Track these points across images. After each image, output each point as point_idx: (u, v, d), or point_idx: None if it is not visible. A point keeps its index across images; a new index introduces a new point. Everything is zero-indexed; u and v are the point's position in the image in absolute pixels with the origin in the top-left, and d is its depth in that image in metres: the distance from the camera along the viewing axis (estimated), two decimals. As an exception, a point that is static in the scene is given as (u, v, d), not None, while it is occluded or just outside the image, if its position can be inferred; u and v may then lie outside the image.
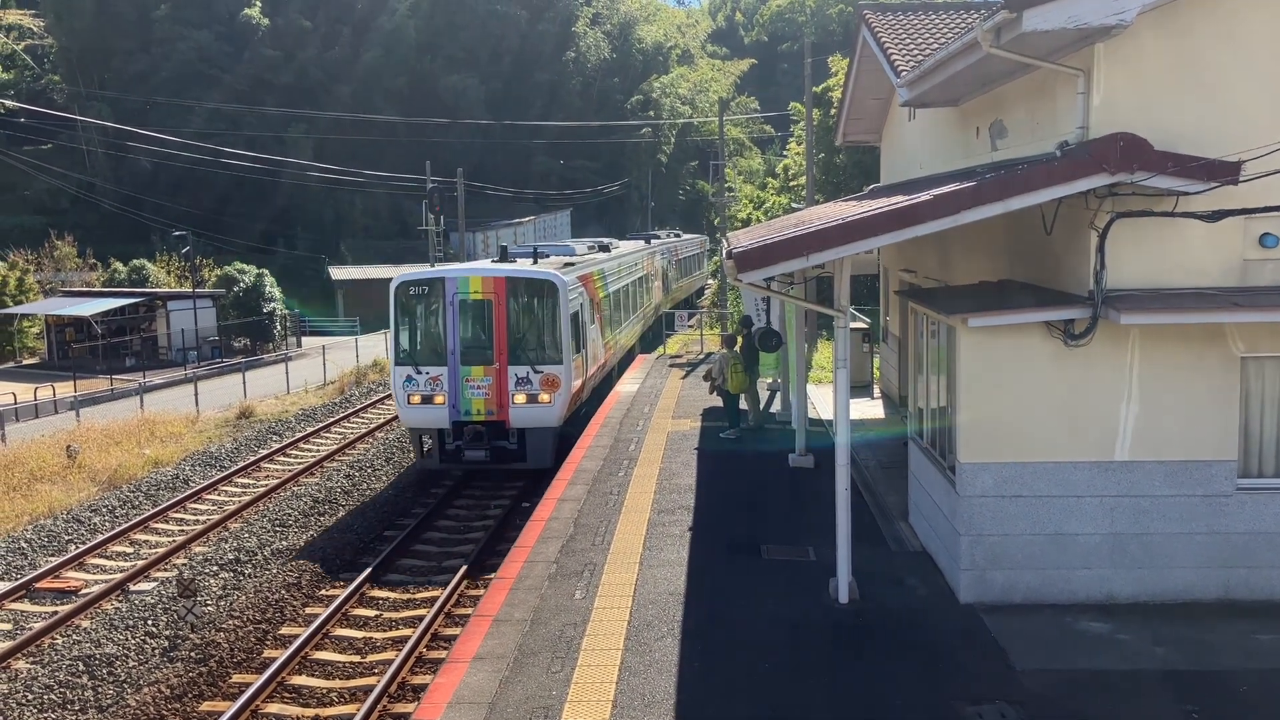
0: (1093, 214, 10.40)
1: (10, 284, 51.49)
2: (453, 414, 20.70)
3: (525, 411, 20.64)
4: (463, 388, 20.57)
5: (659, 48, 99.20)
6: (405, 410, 21.00)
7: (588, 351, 23.18)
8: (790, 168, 49.62)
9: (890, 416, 21.01)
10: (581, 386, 22.21)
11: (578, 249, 32.14)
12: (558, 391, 20.59)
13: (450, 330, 20.68)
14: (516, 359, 20.61)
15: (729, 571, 12.33)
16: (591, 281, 25.12)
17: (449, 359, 20.63)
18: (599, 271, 26.87)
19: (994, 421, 10.88)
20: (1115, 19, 9.66)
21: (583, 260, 27.16)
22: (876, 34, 17.90)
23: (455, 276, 20.90)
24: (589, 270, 25.48)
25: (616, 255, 32.33)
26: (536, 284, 21.03)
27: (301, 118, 76.32)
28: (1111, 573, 10.97)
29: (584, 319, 22.70)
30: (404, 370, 20.78)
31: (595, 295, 25.23)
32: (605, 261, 29.04)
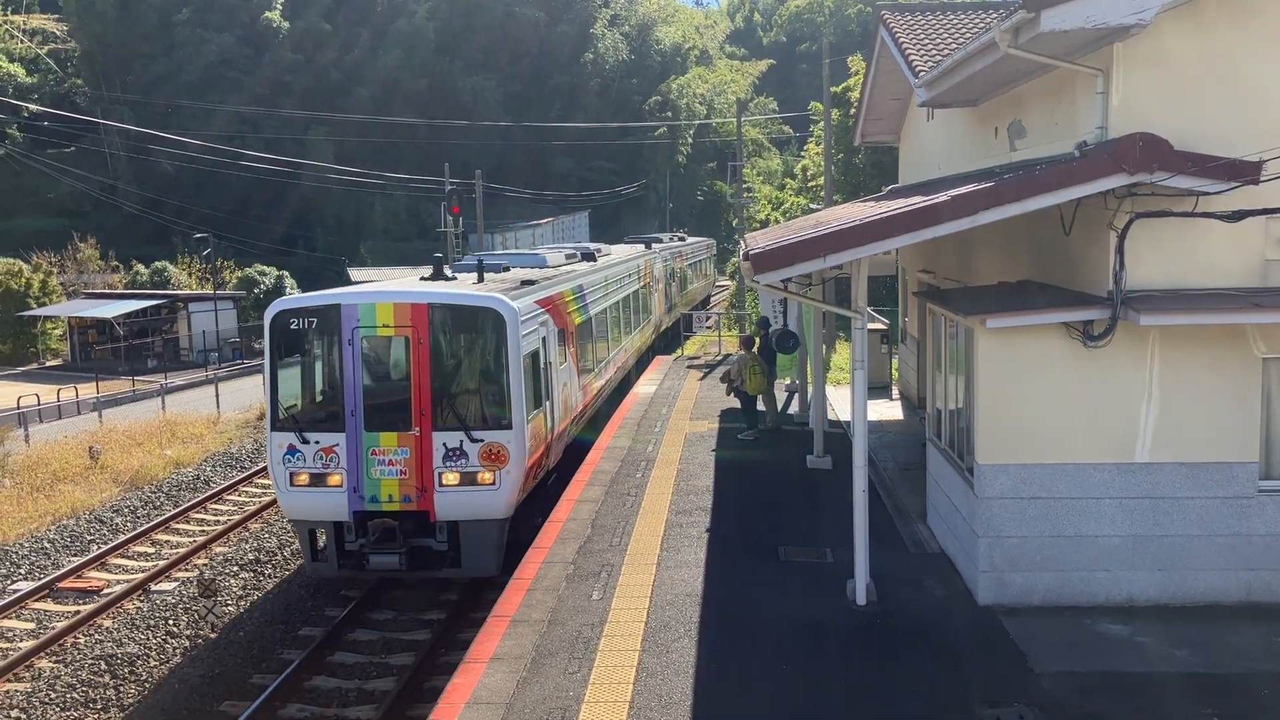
0: (1112, 214, 10.34)
1: (34, 286, 51.94)
2: (354, 501, 14.78)
3: (458, 498, 14.76)
4: (368, 463, 14.72)
5: (677, 49, 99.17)
6: (287, 495, 14.99)
7: (556, 402, 17.57)
8: (809, 168, 49.60)
9: (909, 418, 20.94)
10: (544, 452, 16.62)
11: (551, 258, 24.55)
12: (505, 468, 14.74)
13: (350, 381, 14.75)
14: (445, 422, 14.79)
15: (746, 573, 12.32)
16: (562, 305, 19.11)
17: (348, 422, 14.73)
18: (573, 291, 20.68)
19: (1012, 423, 10.84)
20: (1134, 18, 9.61)
21: (550, 277, 20.45)
22: (895, 34, 17.86)
23: (356, 303, 14.90)
24: (558, 290, 19.39)
25: (603, 266, 26.37)
26: (473, 314, 15.11)
27: (321, 120, 76.71)
28: (1131, 575, 10.91)
29: (548, 358, 17.01)
30: (284, 438, 14.91)
31: (569, 322, 19.39)
32: (586, 275, 23.07)
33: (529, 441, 15.26)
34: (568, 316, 19.29)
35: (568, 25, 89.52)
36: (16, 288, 50.95)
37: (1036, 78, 12.37)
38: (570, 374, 19.14)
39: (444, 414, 14.80)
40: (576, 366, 19.90)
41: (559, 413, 17.77)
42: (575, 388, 19.66)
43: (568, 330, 19.06)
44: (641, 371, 29.01)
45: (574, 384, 19.59)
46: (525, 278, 19.20)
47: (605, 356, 24.26)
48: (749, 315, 36.74)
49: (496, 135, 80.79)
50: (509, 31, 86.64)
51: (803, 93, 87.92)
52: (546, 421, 16.73)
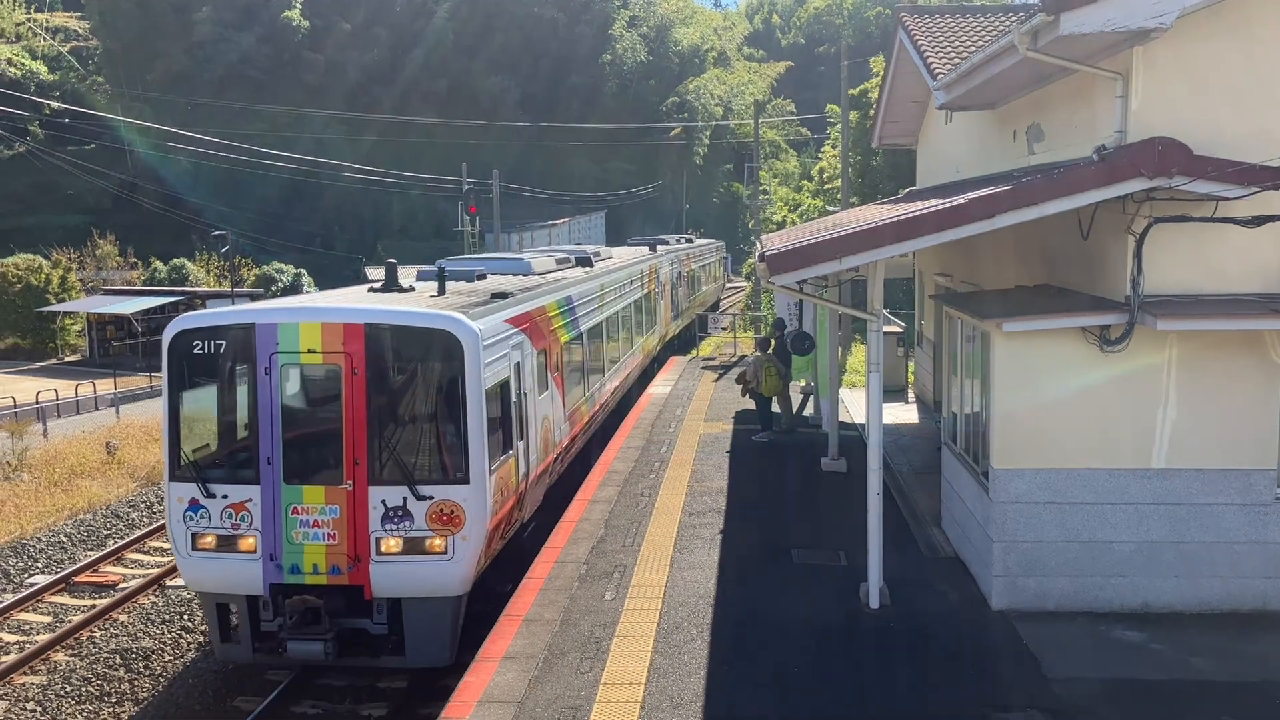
0: (1130, 219, 10.29)
1: (54, 282, 52.29)
2: (270, 571, 11.84)
3: (400, 570, 11.76)
4: (288, 524, 11.78)
5: (695, 50, 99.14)
6: (188, 562, 12.12)
7: (533, 441, 14.59)
8: (826, 170, 49.53)
9: (924, 421, 20.87)
10: (515, 505, 13.57)
11: (538, 264, 20.82)
12: (461, 532, 11.73)
13: (266, 420, 11.80)
14: (385, 473, 11.79)
15: (760, 575, 12.31)
16: (545, 322, 16.14)
17: (263, 471, 11.80)
18: (560, 303, 17.62)
19: (1028, 427, 10.80)
20: (1154, 22, 9.57)
21: (533, 287, 17.11)
22: (913, 37, 17.81)
23: (275, 322, 11.94)
24: (540, 303, 16.23)
25: (600, 272, 22.94)
26: (422, 337, 11.99)
27: (340, 119, 77.00)
28: (1147, 581, 10.86)
29: (523, 388, 14.12)
30: (185, 490, 12.04)
31: (553, 341, 16.45)
32: (578, 284, 19.76)
33: (493, 497, 12.19)
34: (552, 334, 16.32)
35: (586, 26, 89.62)
36: (36, 283, 51.34)
37: (1055, 81, 12.32)
38: (553, 403, 16.08)
39: (384, 463, 11.76)
40: (562, 393, 16.80)
41: (536, 454, 14.64)
42: (560, 418, 16.52)
43: (551, 351, 16.04)
44: (646, 385, 26.76)
45: (558, 415, 16.38)
46: (499, 289, 15.54)
47: (600, 378, 21.08)
48: (764, 317, 36.69)
49: (514, 135, 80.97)
50: (528, 32, 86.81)
51: (821, 95, 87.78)
52: (519, 468, 13.58)
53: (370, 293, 14.09)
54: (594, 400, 20.13)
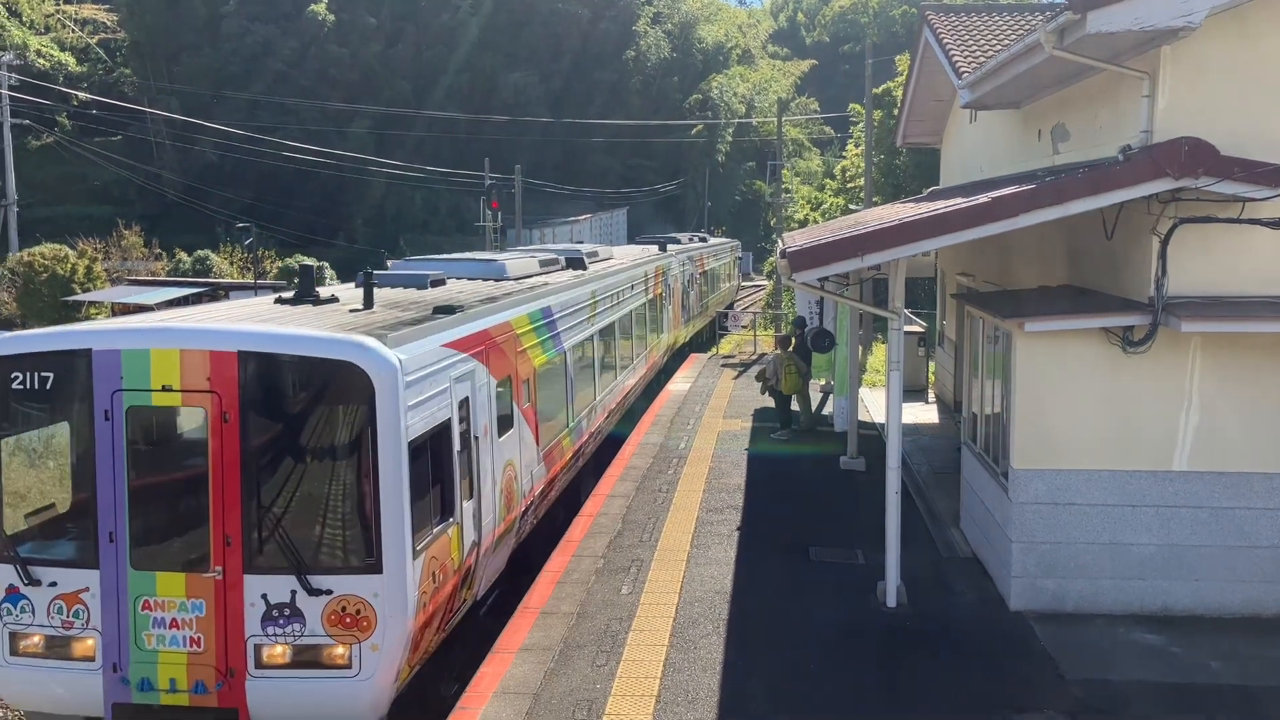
0: (1155, 219, 10.22)
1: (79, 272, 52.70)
2: (113, 686, 8.80)
3: (288, 689, 8.75)
4: (136, 623, 8.75)
5: (719, 47, 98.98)
6: (6, 671, 9.05)
7: (490, 497, 11.16)
8: (849, 169, 49.41)
9: (944, 421, 20.80)
10: (459, 586, 10.29)
11: (516, 266, 16.61)
12: (370, 638, 8.72)
13: (107, 482, 8.74)
14: (266, 557, 8.74)
15: (776, 572, 12.30)
16: (510, 341, 12.67)
17: (103, 551, 8.74)
18: (533, 316, 14.01)
19: (1049, 428, 10.75)
20: (1183, 21, 9.50)
21: (497, 299, 13.33)
22: (938, 35, 17.75)
23: (117, 348, 8.82)
24: (503, 318, 12.68)
25: (593, 277, 19.01)
26: (316, 371, 8.87)
27: (364, 113, 77.28)
28: (1167, 584, 10.79)
29: (474, 429, 10.71)
30: (1, 574, 8.98)
31: (522, 365, 13.00)
32: (561, 292, 16.05)
33: (418, 588, 8.93)
34: (521, 356, 12.93)
35: (610, 22, 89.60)
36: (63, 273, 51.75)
37: (1081, 80, 12.26)
38: (521, 443, 12.63)
39: (264, 543, 8.63)
40: (535, 428, 13.44)
41: (494, 514, 11.25)
42: (532, 460, 13.13)
43: (519, 377, 12.70)
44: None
45: (529, 456, 13.00)
46: (450, 300, 12.15)
47: (591, 402, 17.63)
48: (785, 315, 36.63)
49: (537, 131, 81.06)
50: (551, 28, 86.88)
51: (845, 93, 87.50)
52: (464, 539, 10.13)
53: (277, 304, 11.08)
54: (580, 430, 16.42)
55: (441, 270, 15.08)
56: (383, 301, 11.67)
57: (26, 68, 67.10)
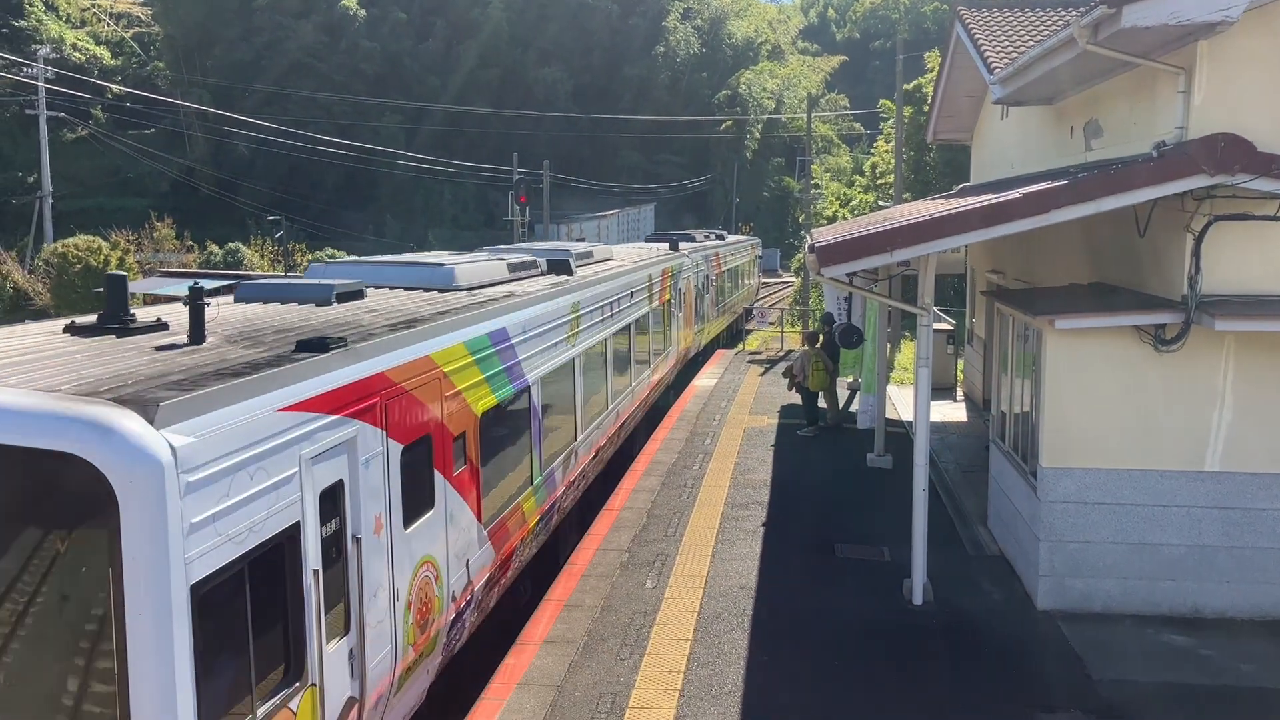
0: (1189, 216, 10.10)
1: (112, 263, 53.18)
2: None
3: None
4: None
5: (749, 43, 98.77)
6: None
7: (388, 619, 7.93)
8: (878, 165, 49.18)
9: (973, 420, 20.66)
10: None
11: (469, 272, 12.82)
12: None
13: None
14: None
15: (802, 568, 12.26)
16: (428, 389, 8.92)
17: None
18: (476, 346, 10.29)
19: (1078, 426, 10.66)
20: (1220, 15, 9.37)
21: (423, 320, 9.71)
22: (970, 30, 17.61)
23: None
24: (419, 353, 8.91)
25: (579, 285, 15.11)
26: (16, 468, 5.29)
27: (395, 108, 77.64)
28: (1198, 585, 10.67)
29: (354, 528, 7.42)
30: None
31: (456, 415, 9.53)
32: (525, 307, 12.26)
33: None
34: (452, 402, 9.35)
35: (639, 18, 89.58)
36: (95, 264, 52.26)
37: (1115, 76, 12.13)
38: (446, 529, 9.11)
39: None
40: (474, 500, 9.88)
41: (394, 644, 8.01)
42: (467, 545, 9.65)
43: (444, 435, 9.10)
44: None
45: (464, 540, 9.56)
46: (338, 326, 8.84)
47: (569, 444, 13.96)
48: (813, 312, 36.49)
49: (565, 126, 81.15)
50: (581, 23, 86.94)
51: (875, 90, 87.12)
52: (324, 703, 6.90)
53: (65, 334, 7.80)
54: (552, 483, 12.96)
55: (364, 278, 11.72)
56: (238, 329, 8.28)
57: (62, 61, 67.91)
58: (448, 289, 12.11)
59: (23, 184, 63.91)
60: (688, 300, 27.41)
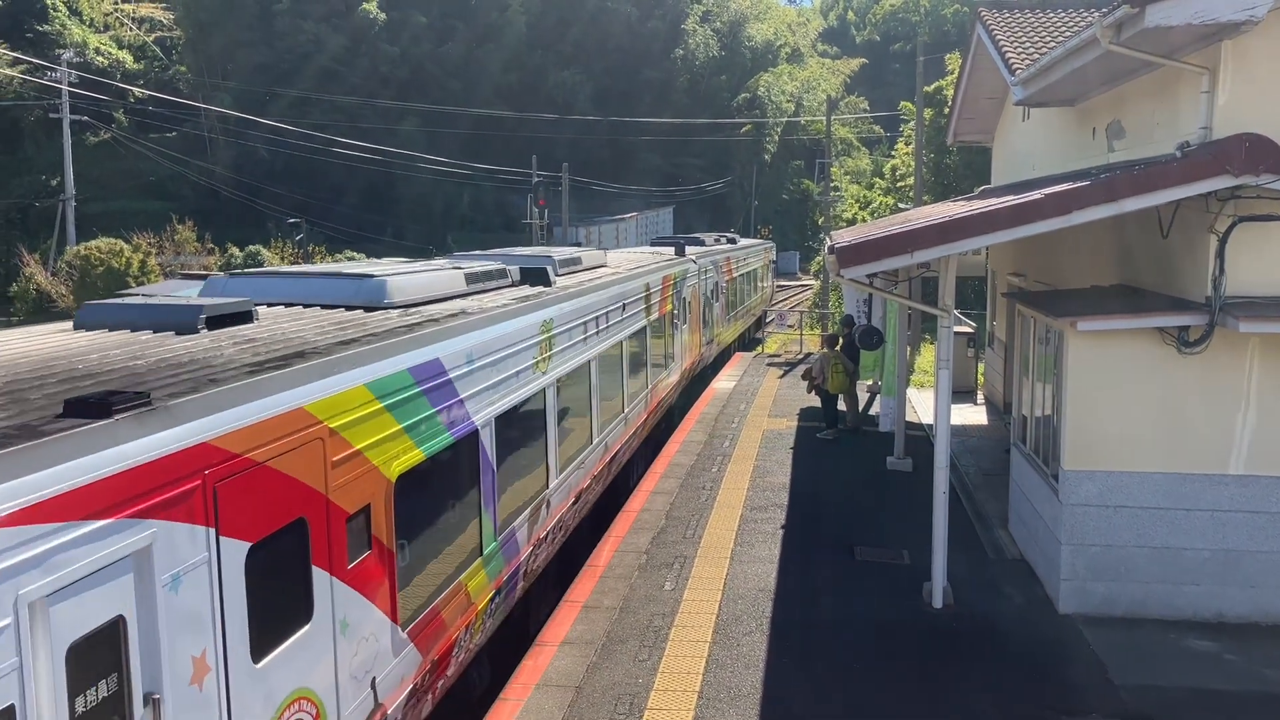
0: (1213, 217, 10.02)
1: (134, 265, 53.58)
2: None
3: None
4: None
5: (769, 46, 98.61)
6: None
7: None
8: (898, 168, 49.04)
9: (993, 423, 20.56)
10: None
11: (407, 285, 10.22)
12: None
13: None
14: None
15: (821, 571, 12.21)
16: (298, 458, 6.45)
17: None
18: (383, 389, 7.62)
19: (1101, 429, 10.58)
20: (1245, 14, 9.29)
21: (298, 354, 7.13)
22: (992, 31, 17.55)
23: None
24: (287, 405, 6.42)
25: (556, 297, 12.92)
26: None
27: (414, 111, 77.91)
28: (1221, 590, 10.58)
29: (163, 676, 5.22)
30: None
31: (349, 487, 7.06)
32: (466, 332, 9.57)
33: None
34: (344, 467, 7.07)
35: (659, 21, 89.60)
36: (118, 266, 52.65)
37: (1138, 77, 12.04)
38: (354, 636, 7.17)
39: None
40: (387, 594, 7.66)
41: None
42: (376, 656, 7.50)
43: (328, 515, 6.82)
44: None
45: (365, 654, 7.35)
46: (189, 360, 6.71)
47: (538, 494, 11.57)
48: (832, 315, 36.39)
49: (585, 129, 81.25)
50: (600, 26, 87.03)
51: (895, 93, 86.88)
52: None
53: None
54: (512, 549, 10.51)
55: (272, 293, 9.78)
56: (7, 376, 6.07)
57: (86, 65, 68.40)
58: (376, 307, 9.61)
59: (46, 187, 64.45)
60: (694, 310, 25.60)
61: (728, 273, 32.31)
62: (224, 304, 8.18)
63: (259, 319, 8.43)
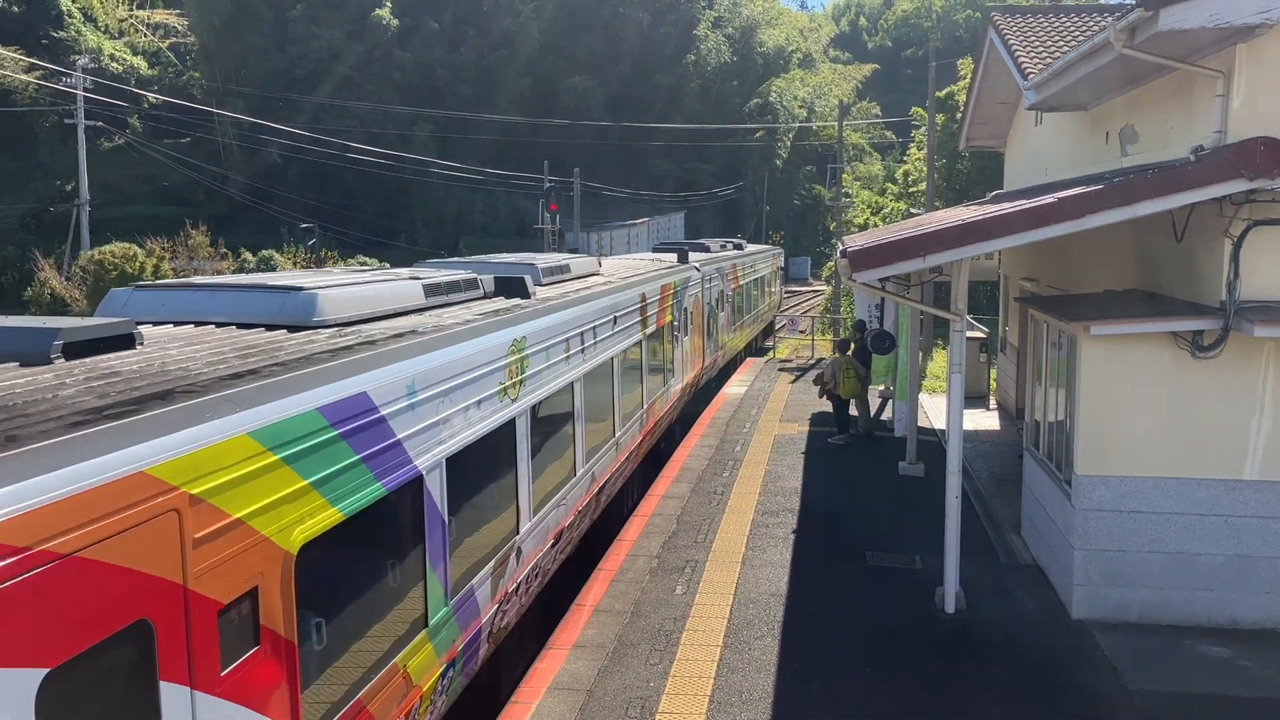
0: (1227, 222, 9.98)
1: (147, 270, 53.79)
2: None
3: None
4: None
5: (780, 51, 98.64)
6: None
7: None
8: (910, 173, 48.96)
9: (1006, 429, 20.49)
10: None
11: (335, 302, 8.37)
12: None
13: None
14: None
15: (832, 575, 12.18)
16: (185, 541, 5.02)
17: None
18: (283, 435, 5.97)
19: (1114, 433, 10.54)
20: (1260, 17, 9.25)
21: (137, 406, 5.17)
22: (1004, 36, 17.50)
23: None
24: (118, 469, 4.65)
25: (533, 311, 11.28)
26: None
27: (426, 116, 78.12)
28: (1236, 596, 10.52)
29: None
30: None
31: (239, 573, 5.48)
32: (434, 348, 8.36)
33: None
34: (223, 545, 5.36)
35: (670, 27, 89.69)
36: (131, 271, 52.86)
37: (1152, 80, 12.00)
38: None
39: None
40: (288, 696, 5.92)
41: None
42: None
43: (205, 606, 5.18)
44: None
45: None
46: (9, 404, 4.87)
47: (503, 543, 9.87)
48: (844, 320, 36.34)
49: (596, 134, 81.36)
50: (612, 32, 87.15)
51: (907, 98, 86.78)
52: None
53: None
54: (469, 612, 8.87)
55: (178, 308, 8.24)
56: None
57: (100, 71, 68.82)
58: (302, 326, 7.97)
59: (61, 192, 64.81)
60: (697, 320, 23.80)
61: (734, 280, 30.99)
62: (94, 326, 6.44)
63: (144, 344, 6.69)
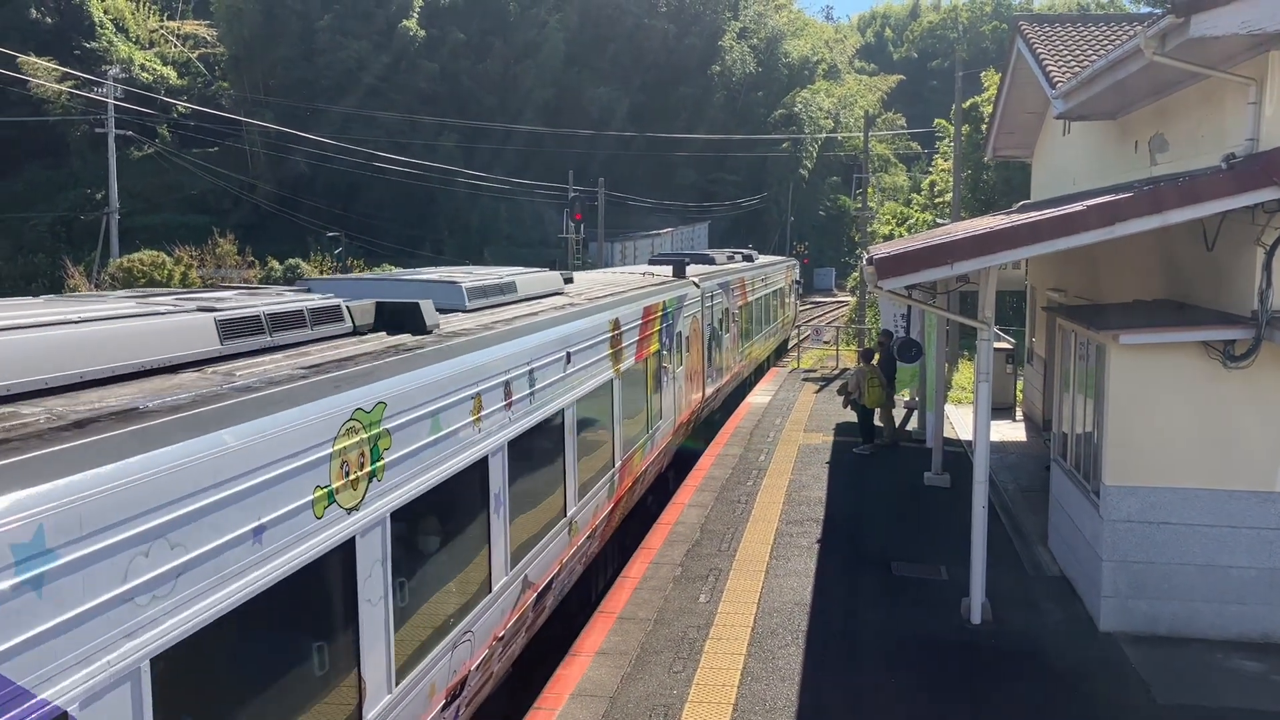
0: (1260, 230, 9.87)
1: (175, 278, 54.21)
2: None
3: None
4: None
5: (805, 62, 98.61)
6: None
7: None
8: (936, 184, 48.78)
9: (1032, 440, 20.33)
10: None
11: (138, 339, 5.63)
12: None
13: None
14: None
15: (857, 585, 12.10)
16: None
17: None
18: None
19: (1143, 444, 10.43)
20: (1292, 24, 9.17)
21: None
22: (1032, 45, 17.42)
23: None
24: None
25: (404, 362, 7.27)
26: None
27: (452, 126, 78.51)
28: (1269, 610, 10.37)
29: None
30: None
31: None
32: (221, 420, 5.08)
33: None
34: None
35: (696, 38, 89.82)
36: (160, 279, 53.29)
37: (1182, 88, 11.91)
38: None
39: None
40: None
41: None
42: None
43: None
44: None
45: None
46: None
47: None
48: (869, 330, 36.21)
49: (621, 145, 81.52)
50: (637, 43, 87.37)
51: (932, 109, 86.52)
52: None
53: None
54: None
55: None
56: None
57: (131, 81, 69.58)
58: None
59: (91, 200, 65.40)
60: (694, 345, 20.12)
61: (741, 296, 27.09)
62: None
63: None
